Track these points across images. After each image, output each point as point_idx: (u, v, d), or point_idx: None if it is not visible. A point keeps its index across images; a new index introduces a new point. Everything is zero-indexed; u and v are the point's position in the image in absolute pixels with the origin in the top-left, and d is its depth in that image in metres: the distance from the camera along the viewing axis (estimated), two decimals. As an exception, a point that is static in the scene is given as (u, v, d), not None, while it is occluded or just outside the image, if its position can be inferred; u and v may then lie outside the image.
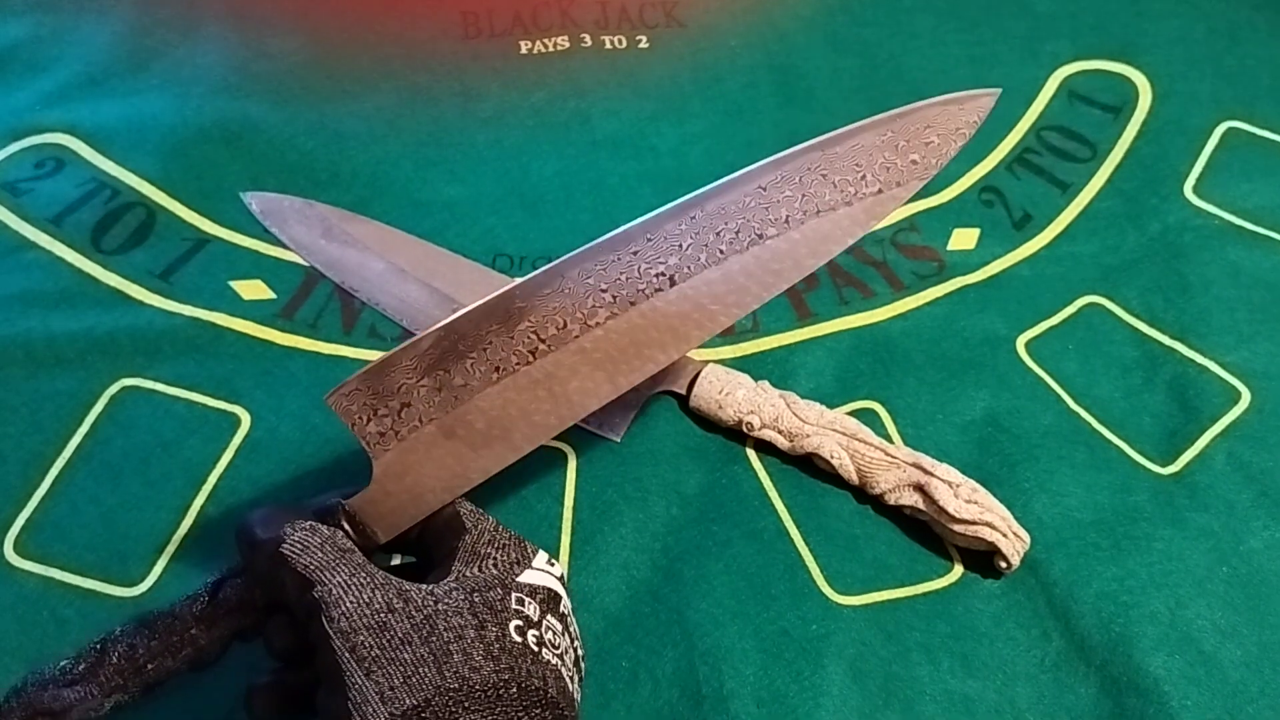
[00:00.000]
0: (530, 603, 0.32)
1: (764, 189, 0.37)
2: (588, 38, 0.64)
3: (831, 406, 0.46)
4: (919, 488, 0.43)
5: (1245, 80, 0.62)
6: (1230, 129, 0.59)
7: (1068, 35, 0.64)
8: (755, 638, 0.41)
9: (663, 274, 0.36)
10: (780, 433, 0.45)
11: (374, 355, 0.50)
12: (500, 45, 0.64)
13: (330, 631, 0.29)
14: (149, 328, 0.49)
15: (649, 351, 0.36)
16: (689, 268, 0.36)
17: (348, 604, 0.30)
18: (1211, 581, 0.43)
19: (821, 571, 0.43)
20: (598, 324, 0.36)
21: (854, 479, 0.44)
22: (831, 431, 0.45)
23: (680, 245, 0.36)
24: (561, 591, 0.34)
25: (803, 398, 0.46)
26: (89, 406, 0.47)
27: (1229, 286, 0.52)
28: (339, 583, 0.30)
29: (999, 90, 0.40)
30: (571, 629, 0.34)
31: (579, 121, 0.60)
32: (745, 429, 0.46)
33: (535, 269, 0.52)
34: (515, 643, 0.30)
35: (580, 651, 0.34)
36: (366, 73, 0.62)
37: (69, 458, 0.45)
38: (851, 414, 0.47)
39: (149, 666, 0.33)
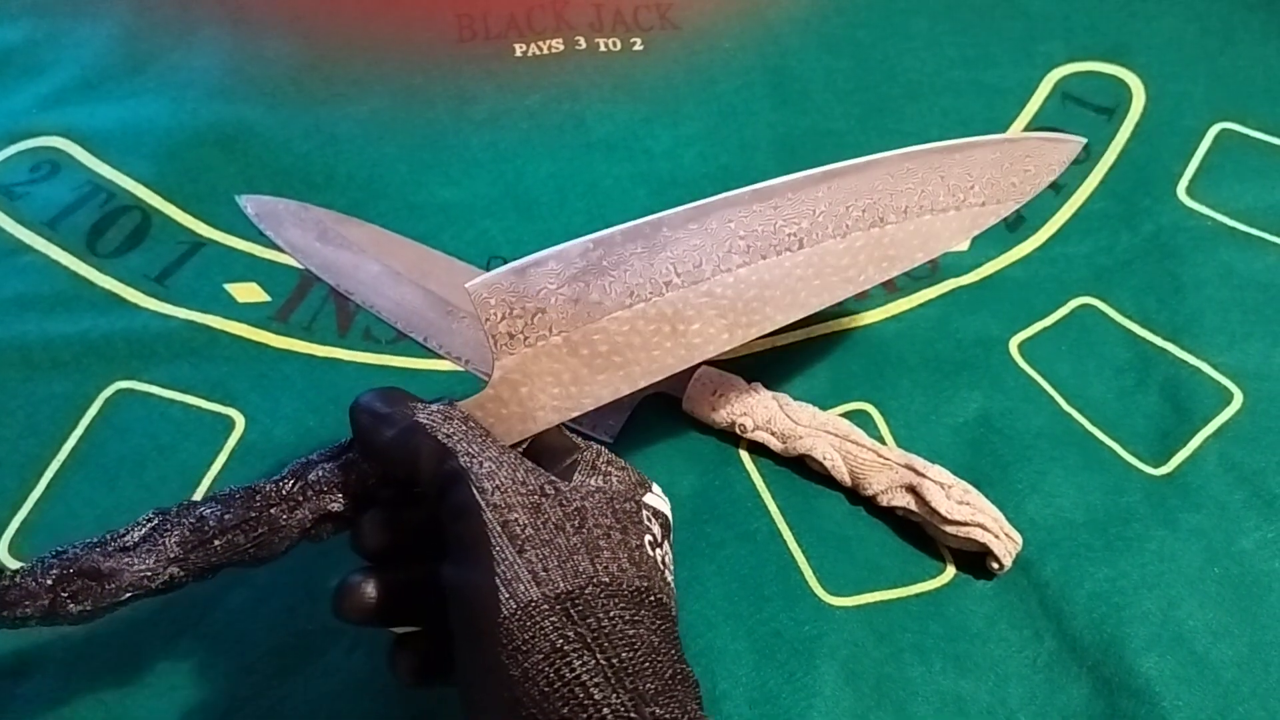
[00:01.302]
0: (655, 523, 0.32)
1: (892, 176, 0.39)
2: (582, 40, 0.64)
3: (824, 408, 0.47)
4: (911, 489, 0.43)
5: (1238, 82, 0.62)
6: (1223, 130, 0.59)
7: (1061, 36, 0.64)
8: (748, 639, 0.41)
9: (794, 234, 0.38)
10: (773, 434, 0.45)
11: (369, 358, 0.50)
12: (495, 48, 0.64)
13: (483, 503, 0.29)
14: (144, 331, 0.49)
15: (768, 309, 0.37)
16: (818, 234, 0.38)
17: (502, 478, 0.29)
18: (1203, 582, 0.43)
19: (814, 572, 0.43)
20: (729, 270, 0.36)
21: (846, 480, 0.45)
22: (824, 433, 0.45)
23: (814, 210, 0.38)
24: (671, 525, 0.34)
25: (795, 399, 0.46)
26: (84, 409, 0.47)
27: (1222, 288, 0.53)
28: (490, 456, 0.30)
29: (1083, 140, 0.46)
30: (671, 560, 0.33)
31: (574, 124, 0.60)
32: (738, 430, 0.46)
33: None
34: (650, 556, 0.31)
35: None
36: (361, 76, 0.62)
37: (64, 460, 0.45)
38: (844, 415, 0.47)
39: (216, 541, 0.31)
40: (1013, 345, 0.51)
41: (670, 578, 0.32)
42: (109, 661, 0.40)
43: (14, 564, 0.42)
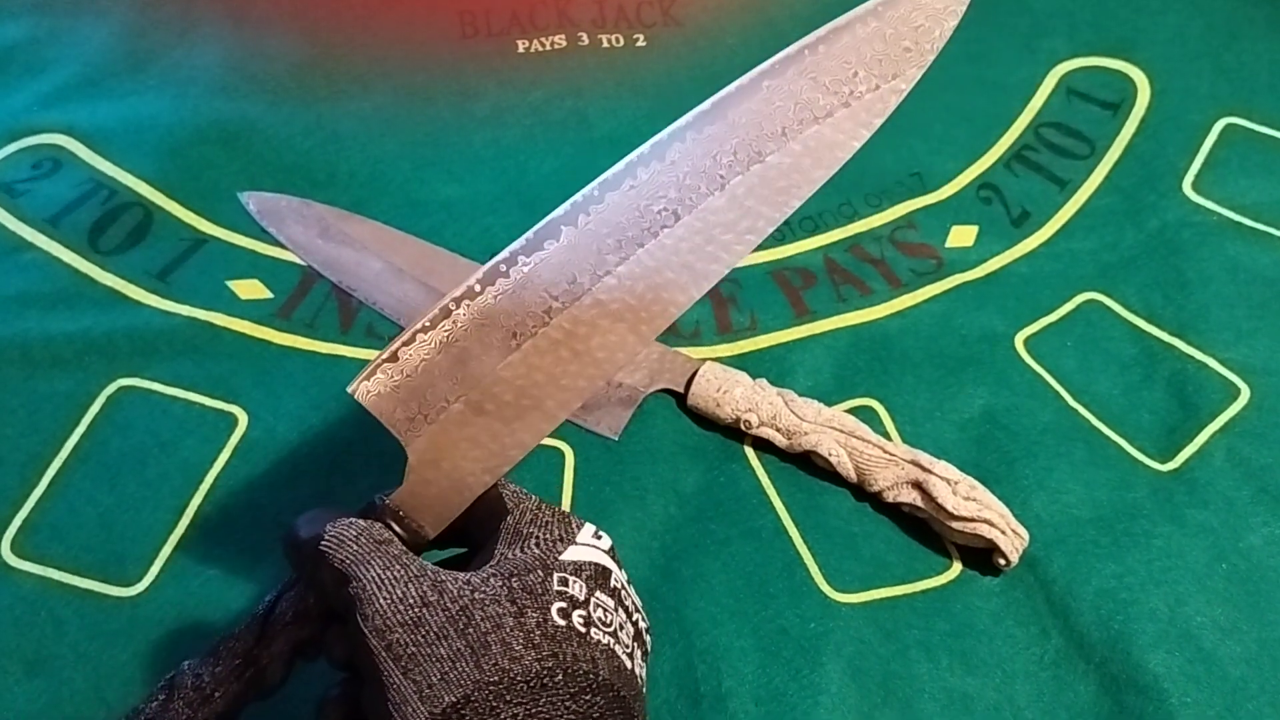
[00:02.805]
0: (575, 581, 0.31)
1: (754, 104, 0.35)
2: (585, 37, 0.64)
3: (829, 404, 0.46)
4: (917, 485, 0.43)
5: (1243, 76, 0.62)
6: (1229, 125, 0.59)
7: (1065, 32, 0.64)
8: (753, 636, 0.41)
9: (665, 209, 0.34)
10: (778, 431, 0.45)
11: (372, 354, 0.49)
12: (497, 45, 0.64)
13: (365, 630, 0.29)
14: (146, 328, 0.49)
15: (667, 295, 0.34)
16: (690, 198, 0.34)
17: (381, 600, 0.29)
18: (1211, 578, 0.43)
19: (820, 569, 0.43)
20: (607, 272, 0.34)
21: (852, 477, 0.44)
22: (829, 429, 0.45)
23: (677, 176, 0.34)
24: (611, 565, 0.33)
25: (801, 395, 0.46)
26: (86, 407, 0.47)
27: (1228, 283, 0.52)
28: (373, 577, 0.30)
29: None
30: (627, 602, 0.32)
31: (576, 120, 0.60)
32: (743, 427, 0.46)
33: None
34: (558, 626, 0.30)
35: (643, 624, 0.33)
36: (363, 73, 0.62)
37: (66, 458, 0.45)
38: (850, 412, 0.47)
39: (216, 694, 0.32)
40: (1018, 341, 0.51)
41: (603, 633, 0.30)
42: (111, 659, 0.40)
43: (16, 563, 0.42)
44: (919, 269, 0.53)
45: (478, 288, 0.33)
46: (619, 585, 0.32)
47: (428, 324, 0.33)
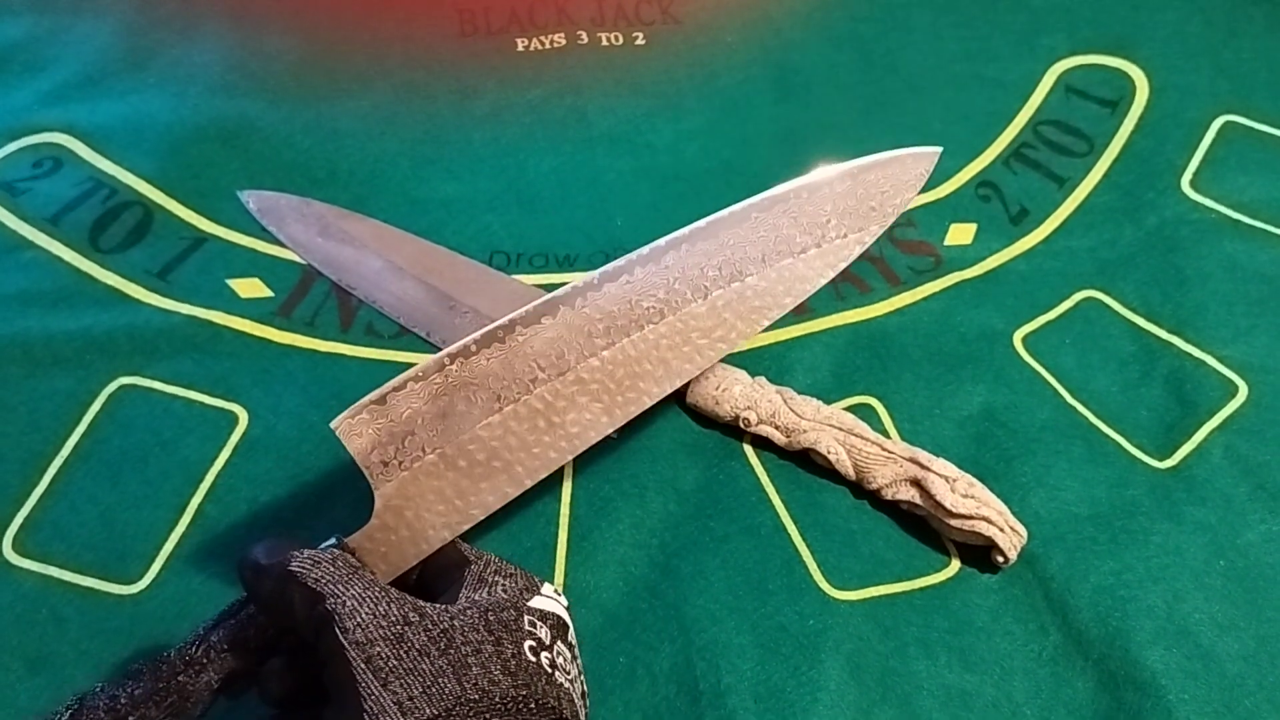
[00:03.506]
0: (542, 626, 0.32)
1: (741, 229, 0.40)
2: (584, 35, 0.64)
3: (828, 402, 0.46)
4: (916, 482, 0.43)
5: (1242, 74, 0.62)
6: (1227, 123, 0.59)
7: (1064, 29, 0.64)
8: (752, 633, 0.41)
9: (653, 307, 0.38)
10: (777, 428, 0.45)
11: (371, 353, 0.50)
12: (497, 43, 0.64)
13: (345, 643, 0.29)
14: (147, 326, 0.49)
15: (643, 385, 0.38)
16: (676, 301, 0.39)
17: (363, 615, 0.30)
18: (1209, 575, 0.43)
19: (819, 567, 0.43)
20: (592, 354, 0.37)
21: (851, 474, 0.44)
22: (828, 427, 0.45)
23: (669, 279, 0.38)
24: (569, 622, 0.34)
25: (800, 393, 0.46)
26: (87, 405, 0.47)
27: (1226, 280, 0.52)
28: (353, 595, 0.30)
29: (940, 149, 0.45)
30: (578, 661, 0.33)
31: (575, 118, 0.60)
32: (742, 425, 0.46)
33: (532, 265, 0.53)
34: (530, 661, 0.30)
35: (584, 687, 0.34)
36: (363, 71, 0.62)
37: (67, 456, 0.45)
38: (848, 409, 0.47)
39: (130, 718, 0.31)
40: (1017, 339, 0.51)
41: (563, 678, 0.31)
42: (112, 657, 0.40)
43: (17, 561, 0.42)
44: (918, 267, 0.53)
45: (474, 348, 0.36)
46: (574, 642, 0.34)
47: (420, 374, 0.35)
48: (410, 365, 0.49)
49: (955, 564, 0.43)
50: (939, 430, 0.47)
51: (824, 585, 0.43)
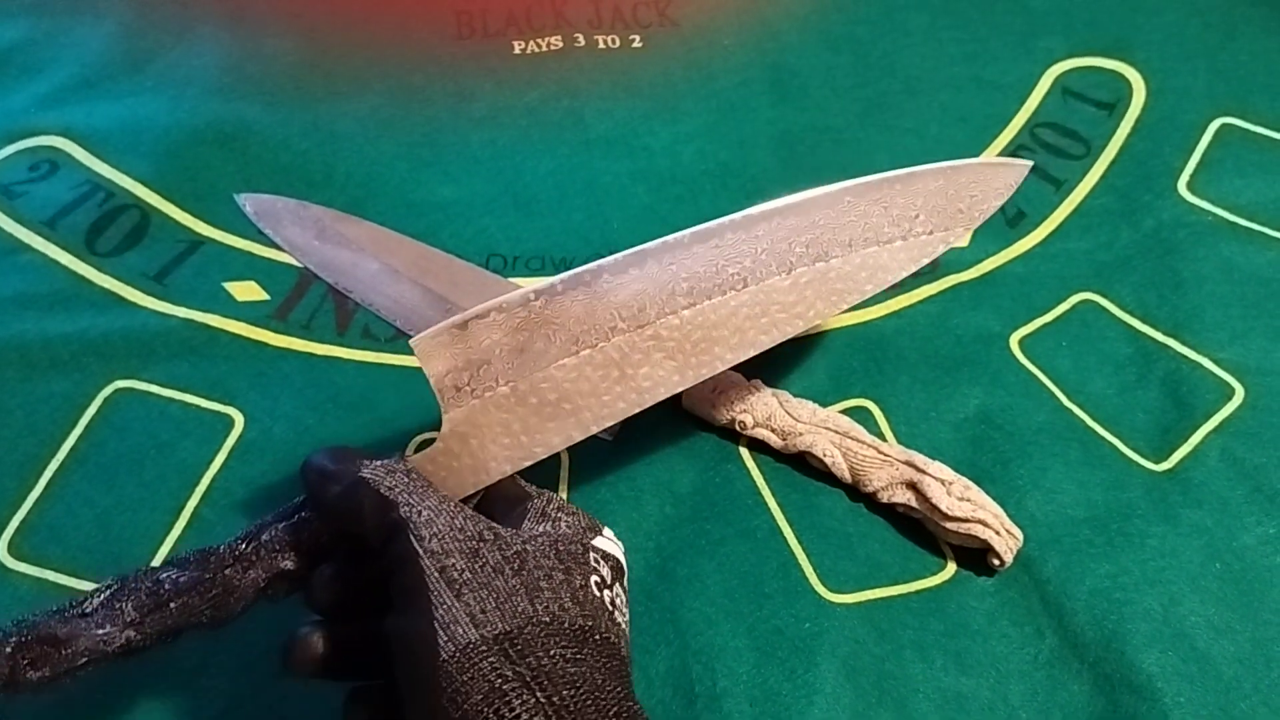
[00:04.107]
0: (604, 565, 0.32)
1: (833, 211, 0.40)
2: (581, 37, 0.64)
3: (824, 405, 0.46)
4: (912, 485, 0.43)
5: (1239, 76, 0.62)
6: (1224, 125, 0.59)
7: (1061, 31, 0.64)
8: (748, 636, 0.41)
9: (737, 274, 0.38)
10: (773, 431, 0.45)
11: (368, 356, 0.50)
12: (494, 45, 0.64)
13: (420, 550, 0.29)
14: (143, 330, 0.49)
15: (717, 349, 0.38)
16: (761, 272, 0.38)
17: (440, 525, 0.30)
18: (1205, 578, 0.43)
19: (815, 570, 0.43)
20: (673, 312, 0.37)
21: (847, 477, 0.44)
22: (824, 430, 0.45)
23: (756, 249, 0.38)
24: (625, 567, 0.34)
25: (795, 396, 0.46)
26: (83, 408, 0.47)
27: (1223, 283, 0.52)
28: (429, 506, 0.30)
29: (1030, 164, 0.46)
30: (628, 607, 0.33)
31: (572, 121, 0.60)
32: (738, 427, 0.46)
33: (529, 268, 0.53)
34: (595, 596, 0.31)
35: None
36: (360, 73, 0.62)
37: (63, 460, 0.45)
38: (845, 412, 0.47)
39: (171, 604, 0.31)
40: (1013, 341, 0.51)
41: (621, 620, 0.32)
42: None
43: (14, 565, 0.42)
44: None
45: (560, 288, 0.36)
46: (627, 587, 0.34)
47: (504, 306, 0.35)
48: (406, 368, 0.50)
49: (951, 567, 0.43)
50: (935, 433, 0.47)
51: (820, 588, 0.43)
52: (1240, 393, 0.48)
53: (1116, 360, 0.50)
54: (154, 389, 0.48)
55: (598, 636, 0.30)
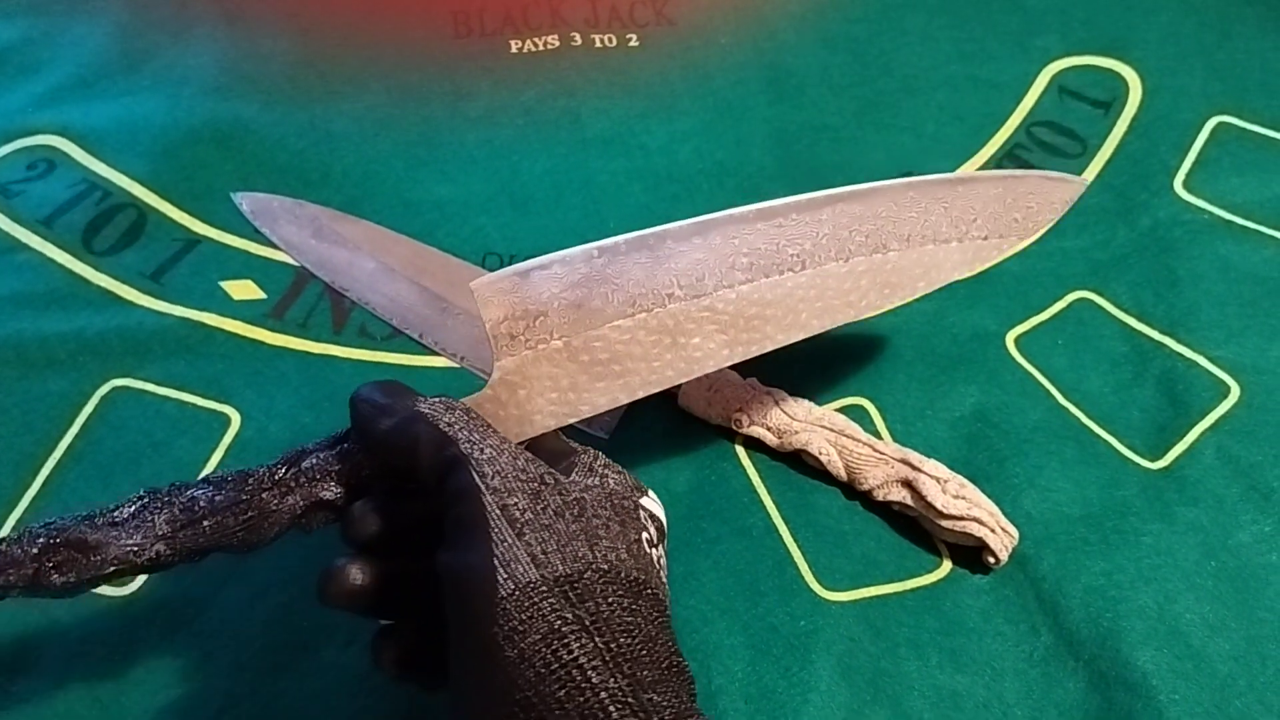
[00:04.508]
0: (651, 524, 0.32)
1: (895, 204, 0.40)
2: (578, 37, 0.64)
3: (820, 403, 0.46)
4: (907, 483, 0.43)
5: (1235, 75, 0.62)
6: (1220, 124, 0.59)
7: (1058, 30, 0.64)
8: (744, 634, 0.41)
9: (797, 255, 0.38)
10: (769, 430, 0.45)
11: (364, 355, 0.50)
12: (490, 44, 0.64)
13: (482, 486, 0.29)
14: (139, 328, 0.49)
15: (769, 328, 0.38)
16: (820, 255, 0.38)
17: (503, 463, 0.30)
18: (1200, 576, 0.43)
19: (810, 568, 0.43)
20: (731, 285, 0.37)
21: (842, 475, 0.45)
22: (820, 428, 0.45)
23: (817, 232, 0.38)
24: (666, 531, 0.34)
25: (791, 395, 0.46)
26: (80, 407, 0.47)
27: (1219, 281, 0.52)
28: (492, 444, 0.30)
29: (1086, 181, 0.47)
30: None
31: (569, 120, 0.60)
32: (734, 426, 0.46)
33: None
34: (646, 552, 0.31)
35: None
36: (357, 73, 0.62)
37: (60, 458, 0.45)
38: (840, 410, 0.47)
39: (205, 522, 0.31)
40: (1009, 340, 0.51)
41: (665, 578, 0.32)
42: (104, 659, 0.40)
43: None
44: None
45: (623, 248, 0.35)
46: (666, 548, 0.34)
47: (566, 260, 0.35)
48: (403, 367, 0.50)
49: (946, 565, 0.44)
50: (930, 431, 0.47)
51: (815, 586, 0.43)
52: (1236, 391, 0.48)
53: (1112, 358, 0.50)
54: (150, 387, 0.48)
55: (649, 590, 0.30)
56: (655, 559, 0.31)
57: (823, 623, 0.41)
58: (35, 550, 0.29)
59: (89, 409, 0.47)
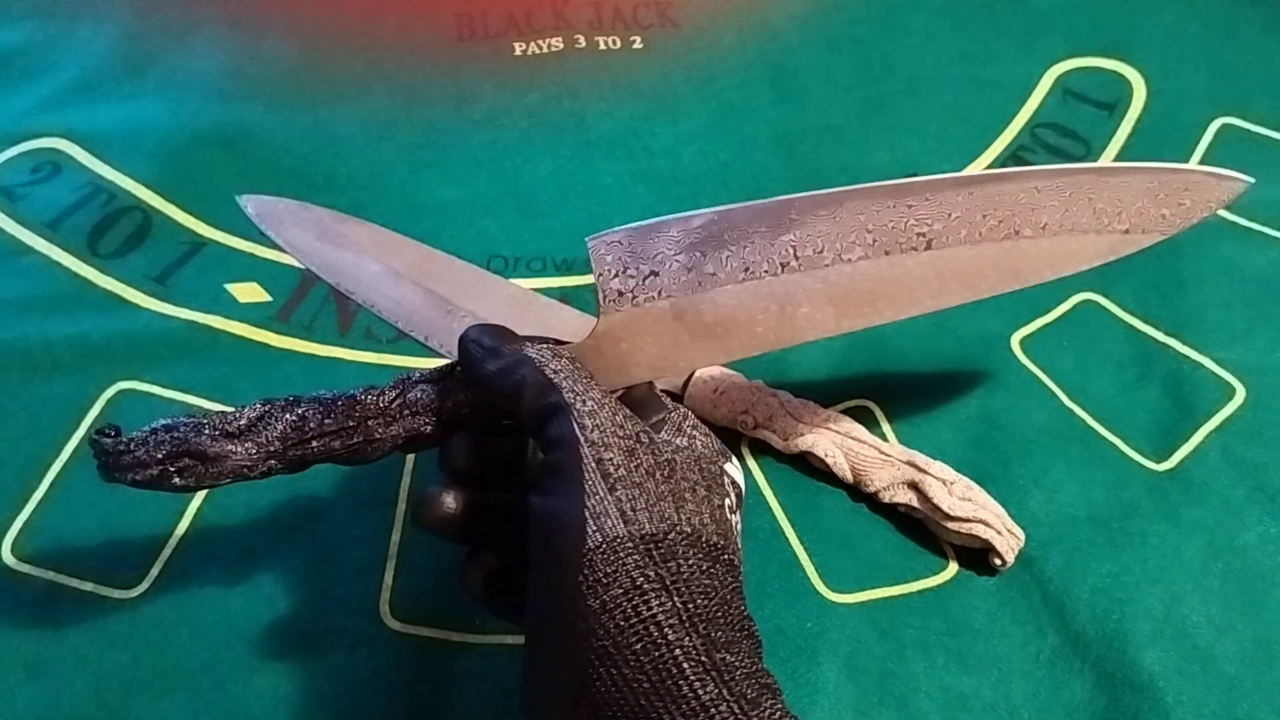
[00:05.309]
0: (733, 491, 0.33)
1: (1038, 190, 0.38)
2: (582, 39, 0.64)
3: (826, 405, 0.47)
4: (913, 485, 0.43)
5: (1239, 76, 0.62)
6: (1224, 125, 0.59)
7: (1062, 32, 0.64)
8: (750, 636, 0.41)
9: (924, 235, 0.37)
10: (774, 431, 0.45)
11: (369, 357, 0.50)
12: (494, 47, 0.64)
13: (581, 438, 0.29)
14: (145, 331, 0.49)
15: (881, 304, 0.37)
16: (948, 237, 0.38)
17: (603, 417, 0.30)
18: (1206, 576, 0.43)
19: (816, 570, 0.43)
20: (850, 260, 0.36)
21: (848, 477, 0.45)
22: (826, 430, 0.45)
23: (949, 214, 0.37)
24: (744, 498, 0.34)
25: (797, 396, 0.46)
26: (86, 410, 0.47)
27: (1223, 282, 0.52)
28: (593, 397, 0.31)
29: (1251, 180, 0.42)
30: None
31: (573, 122, 0.60)
32: (740, 428, 0.46)
33: (530, 269, 0.53)
34: (728, 520, 0.31)
35: None
36: (361, 76, 0.62)
37: (66, 461, 0.45)
38: (846, 412, 0.47)
39: (314, 443, 0.33)
40: (1014, 341, 0.51)
41: (740, 544, 0.32)
42: (111, 661, 0.40)
43: (17, 565, 0.42)
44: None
45: (745, 214, 0.35)
46: (742, 515, 0.34)
47: (685, 222, 0.35)
48: (409, 369, 0.49)
49: (953, 566, 0.44)
50: (936, 433, 0.47)
51: (822, 588, 0.43)
52: (1241, 392, 0.48)
53: (1117, 360, 0.50)
54: (156, 390, 0.48)
55: (727, 556, 0.30)
56: (734, 525, 0.32)
57: (829, 624, 0.41)
58: (160, 455, 0.32)
59: (95, 412, 0.47)
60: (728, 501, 0.32)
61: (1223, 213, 0.55)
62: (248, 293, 0.52)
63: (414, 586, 0.43)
